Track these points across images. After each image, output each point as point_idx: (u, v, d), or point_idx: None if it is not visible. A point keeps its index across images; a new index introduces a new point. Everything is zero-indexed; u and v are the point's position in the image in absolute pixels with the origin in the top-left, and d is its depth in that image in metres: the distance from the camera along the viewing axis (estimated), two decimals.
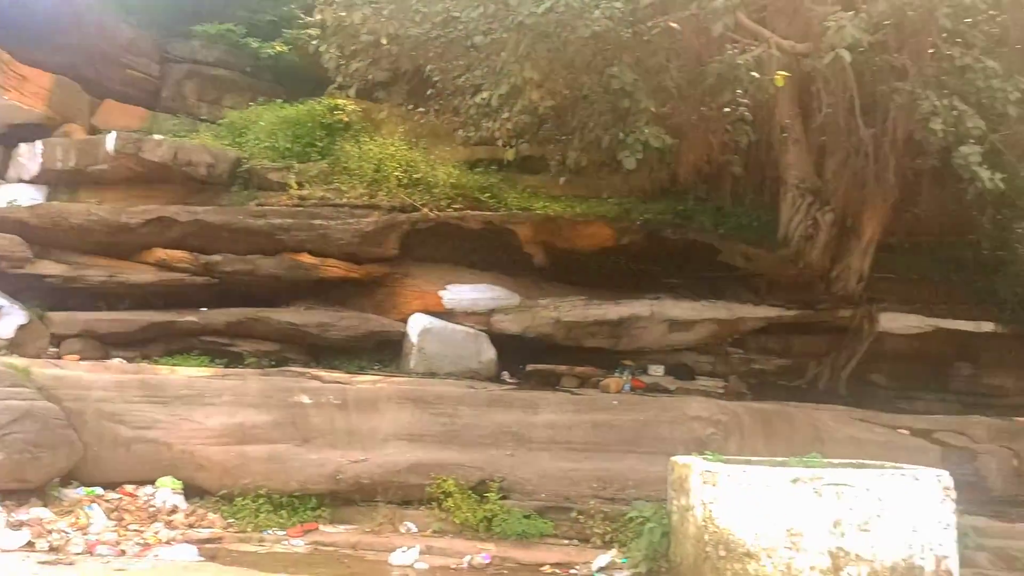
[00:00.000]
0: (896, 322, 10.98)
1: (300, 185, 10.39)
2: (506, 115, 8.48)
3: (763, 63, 8.04)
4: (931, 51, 8.39)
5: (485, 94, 8.09)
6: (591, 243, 10.30)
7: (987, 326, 11.25)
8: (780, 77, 7.74)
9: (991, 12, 8.51)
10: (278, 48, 12.51)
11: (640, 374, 10.18)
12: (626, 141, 7.78)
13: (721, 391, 10.13)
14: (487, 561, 7.07)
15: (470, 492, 7.69)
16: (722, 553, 6.18)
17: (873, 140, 9.49)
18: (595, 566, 7.06)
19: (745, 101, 8.82)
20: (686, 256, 10.50)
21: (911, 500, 6.26)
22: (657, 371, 10.34)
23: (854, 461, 7.20)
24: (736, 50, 8.18)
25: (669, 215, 10.40)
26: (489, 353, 10.05)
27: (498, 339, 10.17)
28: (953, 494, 6.34)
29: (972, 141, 7.94)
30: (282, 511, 7.65)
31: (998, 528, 7.81)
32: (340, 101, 10.66)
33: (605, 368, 10.17)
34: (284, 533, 7.44)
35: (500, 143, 9.55)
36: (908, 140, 9.33)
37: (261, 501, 7.64)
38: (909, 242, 11.25)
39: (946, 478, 6.36)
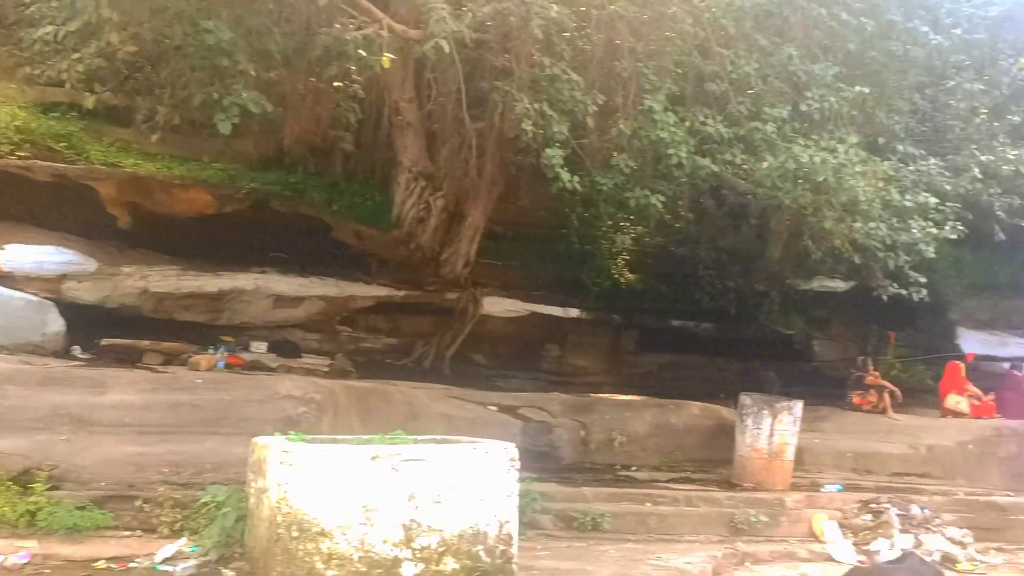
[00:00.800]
0: (497, 306, 11.81)
1: None
2: (77, 56, 7.42)
3: (374, 42, 8.02)
4: (533, 57, 9.03)
5: (51, 28, 6.99)
6: (189, 209, 9.54)
7: (574, 312, 12.57)
8: (387, 59, 7.75)
9: (586, 30, 9.39)
10: None
11: (240, 351, 9.67)
12: (221, 103, 7.24)
13: (327, 369, 10.01)
14: (25, 560, 6.12)
15: (10, 484, 6.61)
16: (295, 534, 6.00)
17: (480, 133, 10.01)
18: (159, 557, 6.47)
19: (358, 78, 8.73)
20: (296, 230, 10.21)
21: (481, 472, 6.60)
22: (260, 348, 9.93)
23: (437, 437, 7.46)
24: (352, 25, 8.06)
25: (278, 186, 10.00)
26: (56, 325, 8.82)
27: (71, 309, 8.98)
28: (517, 464, 6.80)
29: (557, 145, 8.64)
30: None
31: (563, 493, 8.62)
32: None
33: (202, 344, 9.52)
34: None
35: (70, 87, 8.37)
36: (511, 137, 10.00)
37: None
38: (512, 231, 12.11)
39: (512, 450, 6.80)
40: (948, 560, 8.33)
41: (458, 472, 6.52)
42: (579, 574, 6.93)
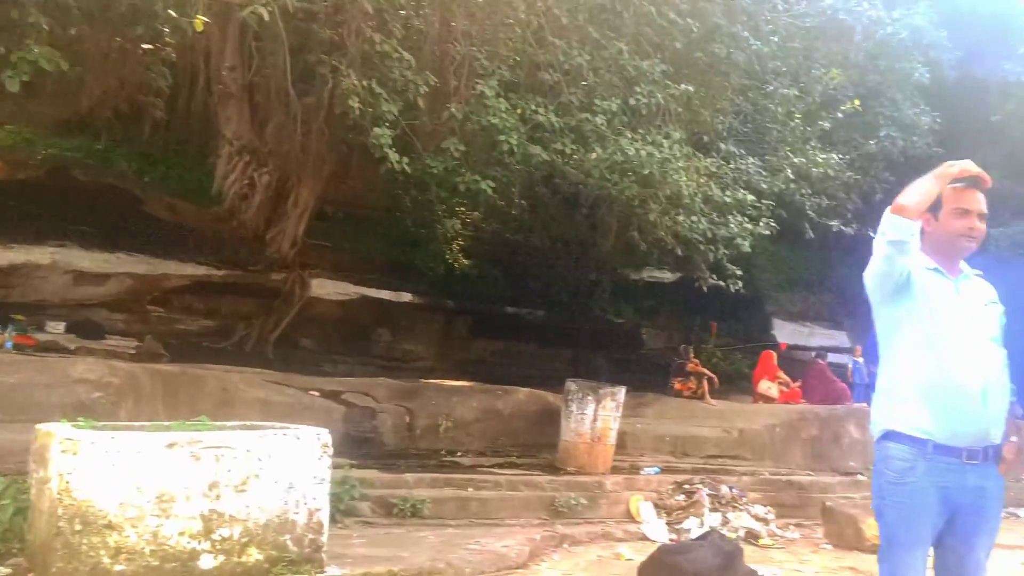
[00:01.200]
0: (326, 288, 11.47)
1: None
2: None
3: (188, 3, 7.51)
4: (364, 33, 8.74)
5: None
6: None
7: (406, 296, 12.42)
8: (200, 21, 7.26)
9: (421, 10, 9.20)
10: None
11: (33, 331, 8.87)
12: (9, 58, 6.55)
13: (133, 352, 9.36)
14: None
15: None
16: (78, 527, 5.52)
17: (308, 109, 9.64)
18: None
19: (170, 41, 8.17)
20: (102, 202, 9.47)
21: (291, 458, 6.32)
22: (57, 328, 9.13)
23: (247, 423, 7.11)
24: None
25: (81, 154, 9.23)
26: None
27: None
28: (330, 450, 6.57)
29: (386, 124, 8.44)
30: None
31: (384, 479, 8.47)
32: None
33: None
34: None
35: None
36: (340, 114, 9.68)
37: None
38: (344, 212, 11.80)
39: (325, 436, 6.54)
40: (752, 536, 8.77)
41: (265, 459, 6.20)
42: (393, 561, 6.80)
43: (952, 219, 3.29)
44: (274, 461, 6.23)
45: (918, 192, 3.17)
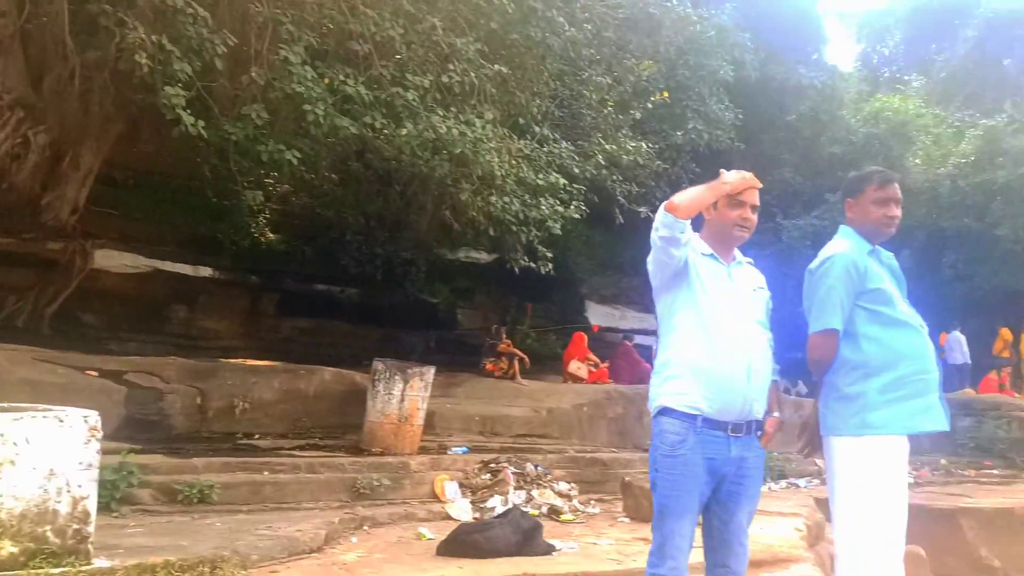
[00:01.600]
0: (113, 260, 10.57)
1: None
2: None
3: None
4: None
5: None
6: None
7: (205, 271, 11.67)
8: None
9: None
10: None
11: None
12: None
13: None
14: None
15: None
16: None
17: (92, 64, 8.76)
18: None
19: None
20: None
21: (52, 443, 5.74)
22: None
23: (3, 405, 6.42)
24: None
25: None
26: None
27: None
28: (100, 434, 6.02)
29: (179, 85, 7.83)
30: None
31: (169, 464, 7.91)
32: None
33: None
34: None
35: None
36: (130, 71, 8.88)
37: None
38: (135, 179, 10.89)
39: (94, 418, 5.99)
40: (554, 512, 8.92)
41: (22, 444, 5.59)
42: (172, 550, 6.32)
43: (728, 209, 3.46)
44: (32, 446, 5.64)
45: (692, 197, 3.32)
